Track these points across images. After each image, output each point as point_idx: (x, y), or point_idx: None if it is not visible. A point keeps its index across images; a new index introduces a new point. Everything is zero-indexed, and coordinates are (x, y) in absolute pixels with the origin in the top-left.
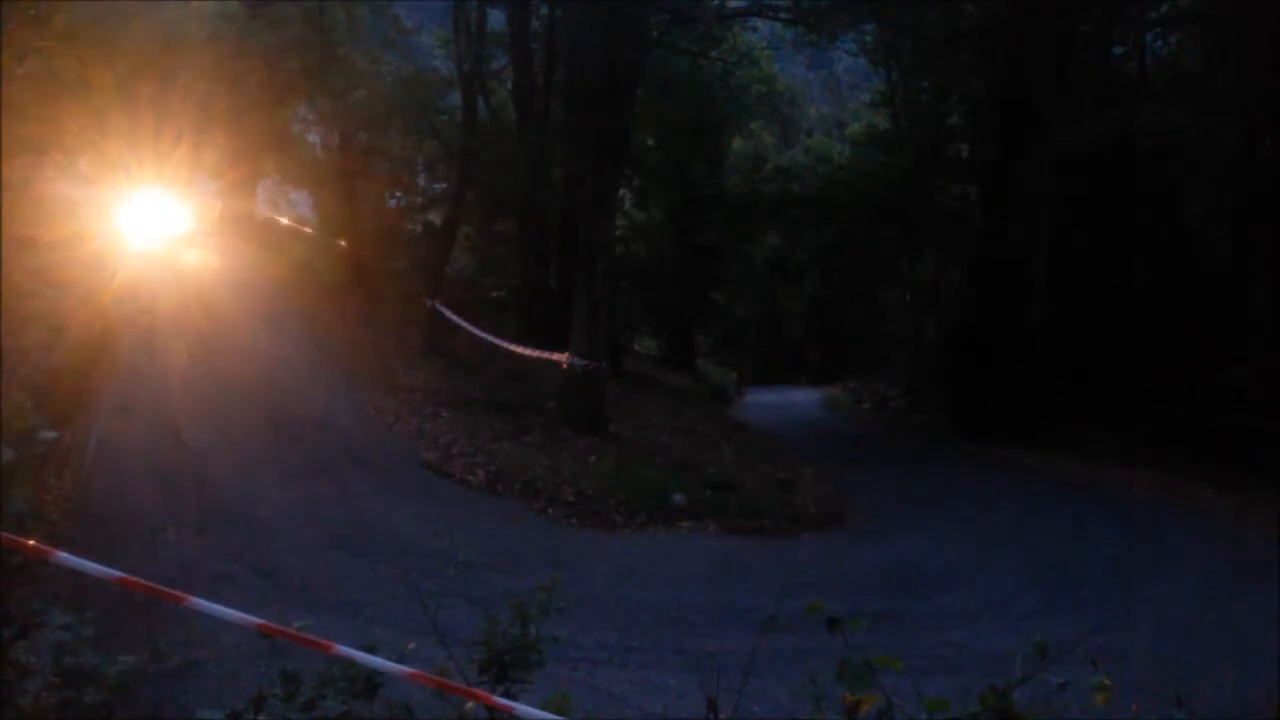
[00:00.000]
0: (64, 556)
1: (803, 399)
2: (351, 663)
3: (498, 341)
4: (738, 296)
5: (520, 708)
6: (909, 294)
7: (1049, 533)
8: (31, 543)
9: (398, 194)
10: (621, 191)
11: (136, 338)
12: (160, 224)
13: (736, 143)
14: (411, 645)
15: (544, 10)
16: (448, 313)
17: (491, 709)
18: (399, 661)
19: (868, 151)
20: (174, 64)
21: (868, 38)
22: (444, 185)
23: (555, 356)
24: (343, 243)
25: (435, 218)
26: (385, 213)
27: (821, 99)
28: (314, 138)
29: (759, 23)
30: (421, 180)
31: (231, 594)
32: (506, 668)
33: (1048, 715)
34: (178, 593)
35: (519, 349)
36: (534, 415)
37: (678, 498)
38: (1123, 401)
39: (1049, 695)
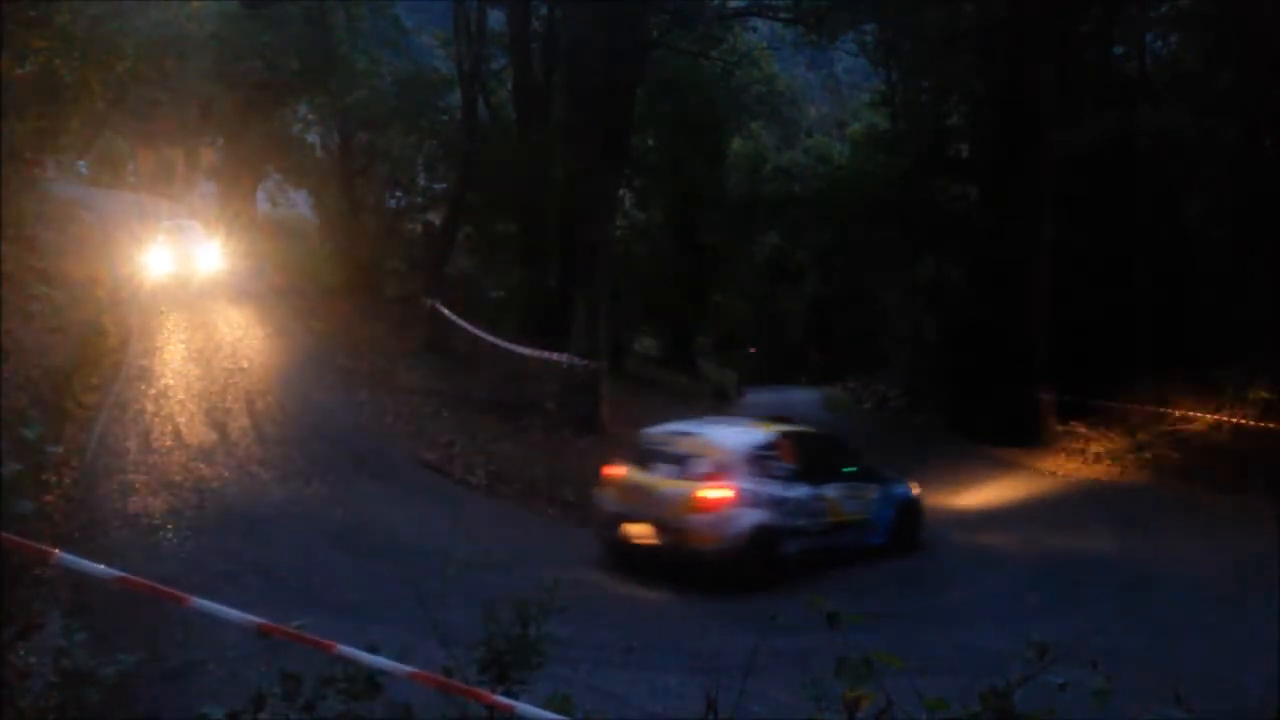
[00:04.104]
0: (64, 556)
1: (803, 399)
2: (352, 662)
3: (497, 341)
4: (738, 296)
5: (521, 707)
6: (909, 294)
7: (1049, 532)
8: (32, 544)
9: (398, 194)
10: (621, 191)
11: (136, 337)
12: (160, 225)
13: (736, 143)
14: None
15: (544, 10)
16: (447, 313)
17: (492, 708)
18: (399, 661)
19: (868, 151)
20: (174, 64)
21: (868, 38)
22: (444, 185)
23: (555, 356)
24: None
25: (435, 218)
26: (385, 213)
27: (821, 99)
28: (314, 138)
29: (759, 23)
30: (421, 180)
31: (231, 594)
32: (507, 667)
33: (1048, 715)
34: (178, 593)
35: (519, 349)
36: (534, 415)
37: None
38: (1122, 401)
39: (1049, 695)
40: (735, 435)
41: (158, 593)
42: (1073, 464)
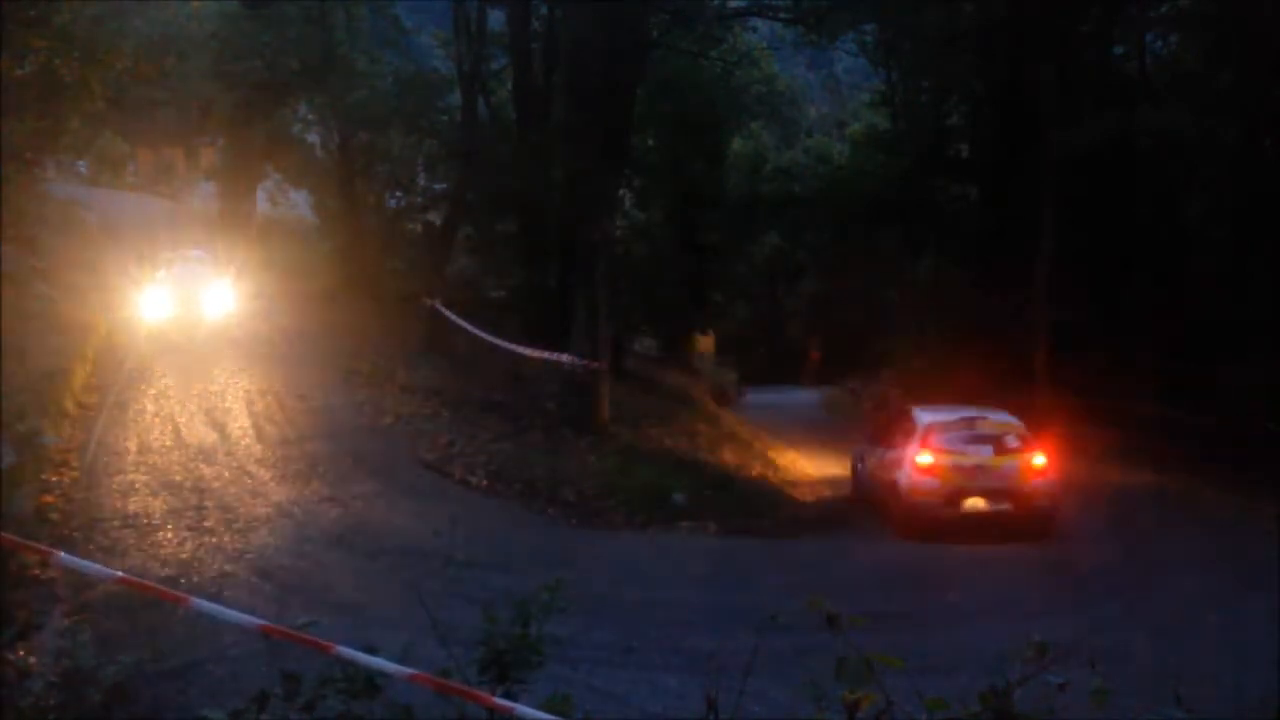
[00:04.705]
0: (64, 556)
1: (803, 399)
2: (352, 663)
3: (498, 342)
4: (738, 296)
5: (520, 708)
6: (909, 294)
7: (1048, 532)
8: (32, 544)
9: (398, 194)
10: (621, 191)
11: (136, 337)
12: (160, 225)
13: (736, 143)
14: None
15: (544, 10)
16: (448, 313)
17: (491, 709)
18: (399, 661)
19: (868, 151)
20: (174, 64)
21: (868, 38)
22: (444, 185)
23: (555, 356)
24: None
25: (435, 218)
26: (385, 213)
27: (821, 99)
28: (314, 138)
29: (759, 23)
30: (421, 180)
31: (232, 594)
32: (507, 668)
33: (1047, 715)
34: (178, 593)
35: (519, 349)
36: (534, 415)
37: (678, 498)
38: (1123, 401)
39: (1049, 695)
40: (1005, 416)
41: (158, 593)
42: (1072, 464)
